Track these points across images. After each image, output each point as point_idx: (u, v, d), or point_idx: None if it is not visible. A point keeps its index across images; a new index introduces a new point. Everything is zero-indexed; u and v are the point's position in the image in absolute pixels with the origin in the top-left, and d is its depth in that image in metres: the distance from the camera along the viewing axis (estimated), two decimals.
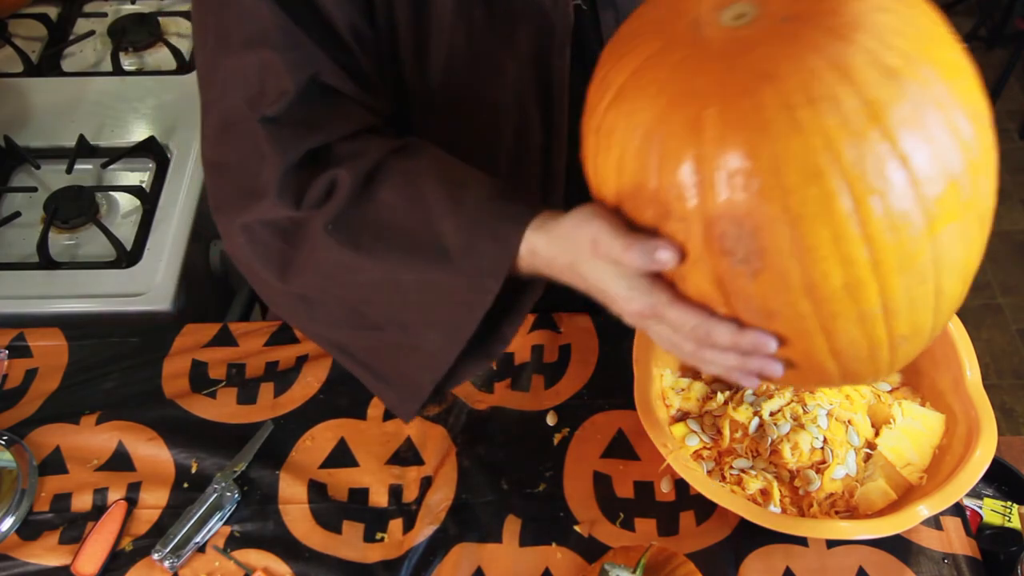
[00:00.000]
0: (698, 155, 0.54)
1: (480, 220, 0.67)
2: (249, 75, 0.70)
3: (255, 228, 0.73)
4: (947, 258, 0.56)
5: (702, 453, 0.87)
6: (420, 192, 0.69)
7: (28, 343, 1.02)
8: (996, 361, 2.17)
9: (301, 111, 0.71)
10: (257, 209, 0.72)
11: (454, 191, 0.68)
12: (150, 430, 0.94)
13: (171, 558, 0.84)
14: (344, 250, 0.69)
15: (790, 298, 0.55)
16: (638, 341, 0.88)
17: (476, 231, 0.67)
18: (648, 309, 0.61)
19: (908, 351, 0.61)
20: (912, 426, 0.86)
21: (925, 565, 0.83)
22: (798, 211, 0.52)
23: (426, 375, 0.74)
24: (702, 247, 0.56)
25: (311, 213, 0.70)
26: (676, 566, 0.78)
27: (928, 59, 0.54)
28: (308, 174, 0.71)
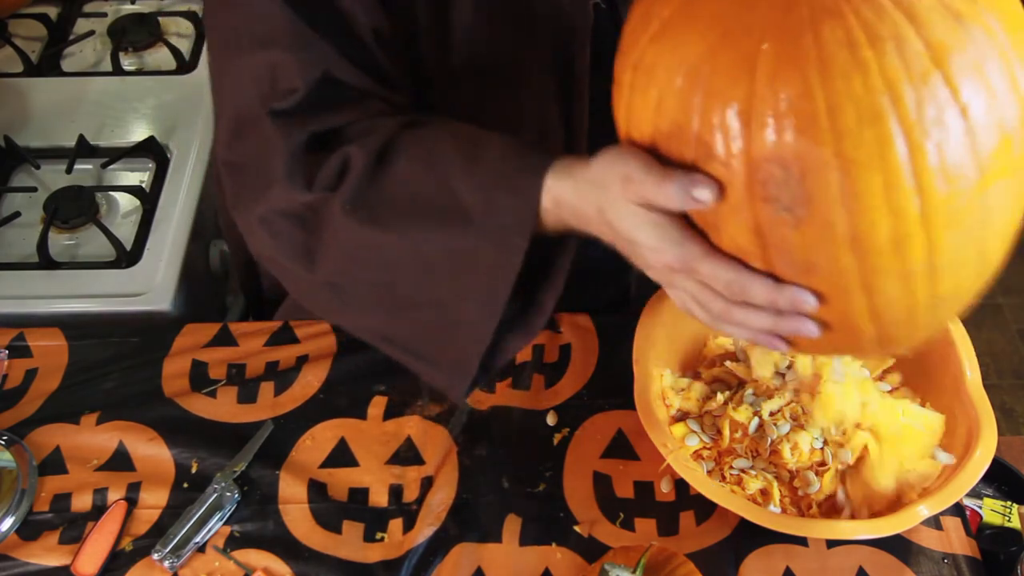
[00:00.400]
0: (748, 93, 0.51)
1: (498, 175, 0.64)
2: (260, 74, 0.70)
3: (273, 220, 0.72)
4: (995, 216, 0.54)
5: (702, 453, 0.87)
6: (434, 158, 0.67)
7: (28, 343, 1.02)
8: (996, 361, 2.17)
9: (312, 106, 0.70)
10: (270, 198, 0.71)
11: (469, 150, 0.66)
12: (150, 430, 0.94)
13: (171, 558, 0.84)
14: (365, 228, 0.68)
15: (833, 251, 0.53)
16: (638, 341, 0.88)
17: (495, 187, 0.64)
18: (679, 261, 0.57)
19: (944, 314, 0.58)
20: (912, 426, 0.86)
21: (925, 565, 0.83)
22: (851, 155, 0.50)
23: (470, 349, 0.71)
24: (744, 193, 0.53)
25: (326, 195, 0.69)
26: (676, 566, 0.78)
27: (993, 7, 0.52)
28: (318, 156, 0.70)
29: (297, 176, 0.69)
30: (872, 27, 0.50)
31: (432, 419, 0.94)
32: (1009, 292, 2.30)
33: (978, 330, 2.20)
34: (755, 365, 0.88)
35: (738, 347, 0.93)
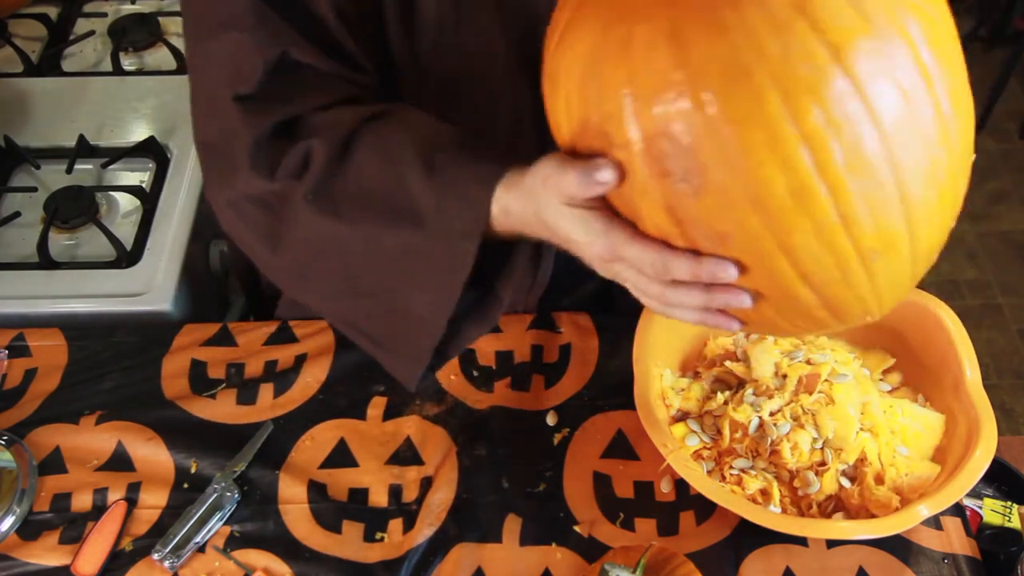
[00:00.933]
0: (630, 75, 0.53)
1: (451, 182, 0.66)
2: (224, 57, 0.72)
3: (240, 204, 0.74)
4: (902, 155, 0.52)
5: (702, 453, 0.86)
6: (394, 157, 0.69)
7: (28, 343, 1.02)
8: (996, 361, 2.17)
9: (273, 87, 0.72)
10: (236, 183, 0.73)
11: (426, 153, 0.68)
12: (149, 430, 0.94)
13: (171, 558, 0.84)
14: (326, 219, 0.70)
15: (737, 215, 0.53)
16: (638, 341, 0.88)
17: (447, 194, 0.67)
18: (607, 250, 0.60)
19: (888, 270, 0.56)
20: (912, 426, 0.86)
21: (925, 565, 0.83)
22: (728, 116, 0.51)
23: (423, 342, 0.74)
24: (647, 172, 0.54)
25: (290, 183, 0.71)
26: (676, 566, 0.78)
27: None
28: (281, 145, 0.71)
29: (261, 165, 0.71)
30: None
31: (431, 419, 0.94)
32: (1009, 292, 2.30)
33: (978, 330, 2.21)
34: (755, 365, 0.88)
35: (738, 347, 0.93)
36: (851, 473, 0.83)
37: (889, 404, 0.87)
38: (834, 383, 0.84)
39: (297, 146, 0.71)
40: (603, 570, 0.77)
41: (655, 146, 0.53)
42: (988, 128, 2.67)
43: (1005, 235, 2.41)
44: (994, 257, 2.37)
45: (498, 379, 0.97)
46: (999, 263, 2.36)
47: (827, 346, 0.91)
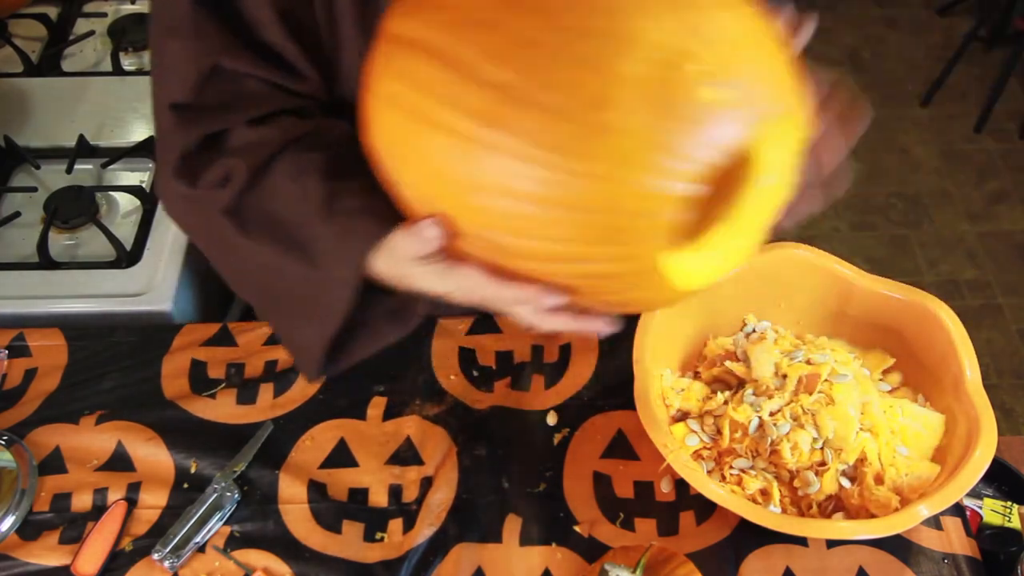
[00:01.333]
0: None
1: (342, 234, 0.70)
2: (165, 62, 0.74)
3: (171, 197, 0.79)
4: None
5: (702, 453, 0.86)
6: (304, 191, 0.72)
7: (28, 343, 1.02)
8: (996, 361, 2.17)
9: (207, 98, 0.74)
10: (165, 182, 0.77)
11: (331, 196, 0.71)
12: (149, 430, 0.94)
13: (171, 558, 0.84)
14: (236, 233, 0.74)
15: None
16: (638, 341, 0.88)
17: (337, 245, 0.70)
18: (467, 295, 0.63)
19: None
20: (912, 426, 0.86)
21: (925, 565, 0.83)
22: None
23: (314, 350, 0.78)
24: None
25: (209, 193, 0.74)
26: (676, 566, 0.79)
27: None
28: (206, 159, 0.74)
29: (184, 176, 0.75)
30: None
31: (431, 419, 0.94)
32: (1009, 292, 2.30)
33: (978, 330, 2.21)
34: (755, 365, 0.88)
35: (738, 347, 0.93)
36: (851, 473, 0.83)
37: (889, 404, 0.87)
38: (834, 383, 0.84)
39: (220, 162, 0.74)
40: (603, 570, 0.77)
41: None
42: (988, 128, 2.67)
43: (1005, 235, 2.42)
44: (994, 257, 2.37)
45: (498, 379, 0.97)
46: (999, 263, 2.36)
47: (827, 346, 0.91)
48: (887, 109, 2.76)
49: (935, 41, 2.96)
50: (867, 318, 0.94)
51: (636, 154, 0.53)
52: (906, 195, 2.53)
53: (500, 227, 0.57)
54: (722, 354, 0.93)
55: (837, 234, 2.45)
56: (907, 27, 3.02)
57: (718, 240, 0.59)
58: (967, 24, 2.88)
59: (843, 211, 2.50)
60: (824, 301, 0.95)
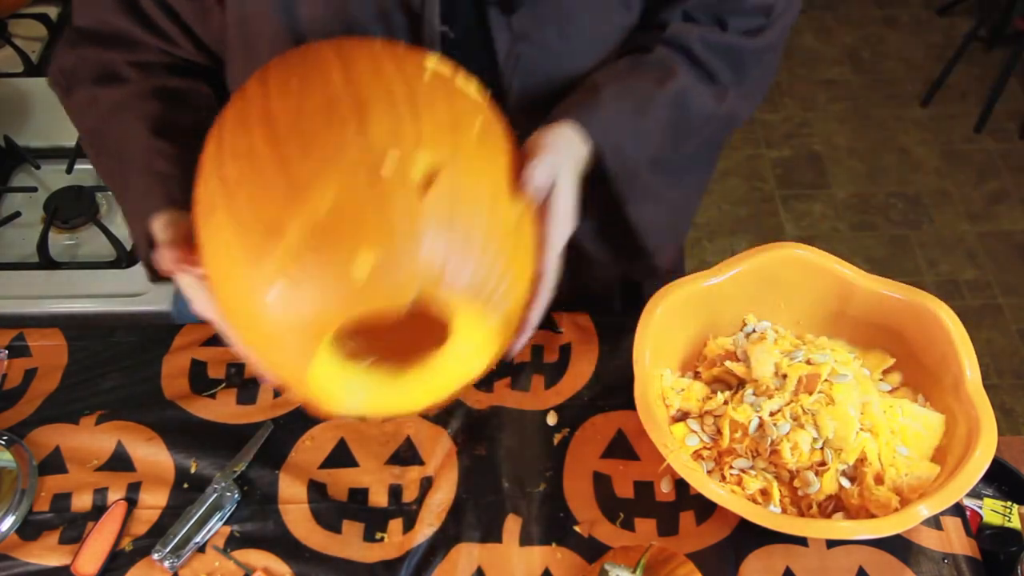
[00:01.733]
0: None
1: (143, 190, 0.80)
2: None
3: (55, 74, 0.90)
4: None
5: (702, 453, 0.86)
6: (137, 132, 0.82)
7: (28, 343, 1.01)
8: (996, 361, 2.17)
9: (94, 28, 0.86)
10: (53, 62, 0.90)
11: (152, 152, 0.81)
12: (149, 430, 0.94)
13: (171, 558, 0.84)
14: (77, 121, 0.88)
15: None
16: (638, 341, 0.88)
17: (136, 197, 0.81)
18: (201, 313, 0.73)
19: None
20: (912, 426, 0.86)
21: (925, 565, 0.83)
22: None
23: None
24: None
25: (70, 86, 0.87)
26: (676, 566, 0.79)
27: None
28: (82, 78, 0.87)
29: (60, 85, 0.88)
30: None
31: (431, 419, 0.94)
32: (1009, 292, 2.31)
33: (978, 330, 2.21)
34: (755, 365, 0.88)
35: (738, 347, 0.93)
36: (851, 473, 0.83)
37: (889, 404, 0.87)
38: (834, 383, 0.84)
39: (85, 90, 0.86)
40: (603, 570, 0.77)
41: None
42: (988, 128, 2.67)
43: (1005, 235, 2.42)
44: (994, 257, 2.37)
45: (498, 379, 0.97)
46: (999, 263, 2.36)
47: (827, 346, 0.91)
48: (887, 109, 2.76)
49: (935, 41, 2.96)
50: (867, 318, 0.94)
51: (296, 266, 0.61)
52: (906, 195, 2.53)
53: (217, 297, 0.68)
54: (722, 354, 0.93)
55: (837, 234, 2.45)
56: (907, 27, 3.02)
57: (369, 376, 0.67)
58: (967, 24, 2.88)
59: (843, 211, 2.50)
60: (824, 301, 0.95)
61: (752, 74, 0.89)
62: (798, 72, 2.88)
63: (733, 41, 0.86)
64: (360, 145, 0.60)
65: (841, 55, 2.93)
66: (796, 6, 0.91)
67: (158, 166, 0.80)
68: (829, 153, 2.65)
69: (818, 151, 2.65)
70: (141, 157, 0.82)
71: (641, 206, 0.87)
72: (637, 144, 0.82)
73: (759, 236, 2.42)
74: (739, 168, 2.61)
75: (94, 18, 0.86)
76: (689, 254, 2.41)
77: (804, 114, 2.76)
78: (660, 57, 0.84)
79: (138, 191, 0.81)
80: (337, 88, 0.63)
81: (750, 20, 0.87)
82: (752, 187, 2.56)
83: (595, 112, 0.79)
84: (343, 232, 0.59)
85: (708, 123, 0.88)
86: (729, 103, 0.87)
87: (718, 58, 0.86)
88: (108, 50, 0.87)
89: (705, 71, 0.85)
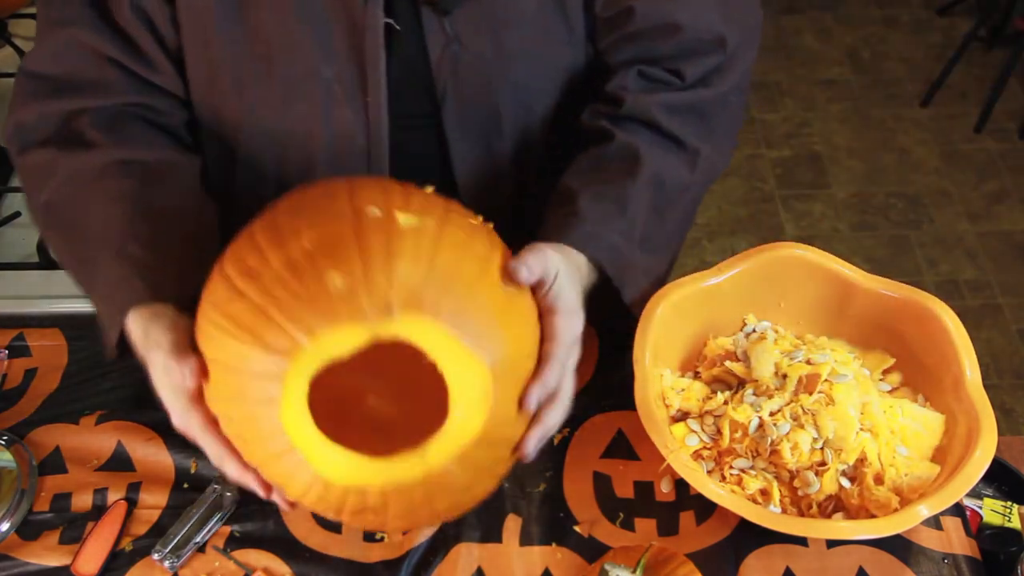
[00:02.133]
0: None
1: (118, 280, 0.75)
2: (37, 32, 0.82)
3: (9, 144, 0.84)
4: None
5: (702, 453, 0.86)
6: (108, 218, 0.77)
7: (28, 343, 1.02)
8: (996, 361, 2.17)
9: (62, 68, 0.80)
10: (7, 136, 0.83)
11: (126, 237, 0.76)
12: (149, 430, 0.94)
13: (171, 558, 0.84)
14: (42, 225, 0.82)
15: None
16: (638, 341, 0.88)
17: (110, 289, 0.76)
18: (183, 427, 0.68)
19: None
20: (912, 426, 0.86)
21: (925, 565, 0.83)
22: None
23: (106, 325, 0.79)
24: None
25: (30, 176, 0.82)
26: (676, 566, 0.79)
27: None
28: (41, 138, 0.80)
29: (14, 144, 0.82)
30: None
31: None
32: (1009, 292, 2.31)
33: (978, 330, 2.21)
34: (755, 365, 0.88)
35: (738, 347, 0.93)
36: (851, 473, 0.83)
37: (889, 404, 0.87)
38: (834, 383, 0.84)
39: (46, 152, 0.80)
40: (603, 570, 0.77)
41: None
42: (988, 128, 2.67)
43: (1005, 235, 2.42)
44: (994, 257, 2.37)
45: None
46: (999, 263, 2.36)
47: (827, 346, 0.91)
48: (887, 109, 2.77)
49: (935, 41, 2.96)
50: (867, 318, 0.94)
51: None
52: (906, 195, 2.54)
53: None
54: (722, 354, 0.93)
55: (837, 234, 2.45)
56: (907, 27, 3.02)
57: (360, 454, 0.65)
58: (967, 24, 2.88)
59: (843, 211, 2.50)
60: (824, 301, 0.95)
61: (720, 124, 0.89)
62: (798, 72, 2.88)
63: (694, 98, 0.86)
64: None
65: (841, 55, 2.94)
66: (754, 39, 0.90)
67: (133, 251, 0.75)
68: (829, 153, 2.65)
69: (818, 151, 2.65)
70: (113, 239, 0.76)
71: (634, 286, 0.87)
72: (627, 238, 0.83)
73: (759, 236, 2.42)
74: (739, 168, 2.61)
75: (61, 46, 0.79)
76: (689, 254, 2.41)
77: (804, 114, 2.76)
78: (622, 145, 0.84)
79: (110, 279, 0.76)
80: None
81: (707, 61, 0.86)
82: (752, 187, 2.56)
83: (580, 227, 0.80)
84: (320, 259, 0.61)
85: (688, 190, 0.88)
86: (703, 162, 0.87)
87: (684, 121, 0.85)
88: (73, 98, 0.80)
89: (673, 140, 0.85)
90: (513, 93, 0.86)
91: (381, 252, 0.61)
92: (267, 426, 0.63)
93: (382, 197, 0.65)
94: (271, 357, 0.61)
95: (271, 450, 0.65)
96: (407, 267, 0.61)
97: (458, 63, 0.83)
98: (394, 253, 0.61)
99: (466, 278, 0.64)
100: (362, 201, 0.64)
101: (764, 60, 2.90)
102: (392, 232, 0.62)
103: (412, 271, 0.61)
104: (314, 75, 0.82)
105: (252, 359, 0.61)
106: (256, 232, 0.65)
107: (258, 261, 0.63)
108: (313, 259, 0.61)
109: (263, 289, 0.61)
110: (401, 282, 0.61)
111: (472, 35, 0.81)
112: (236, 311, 0.62)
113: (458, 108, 0.85)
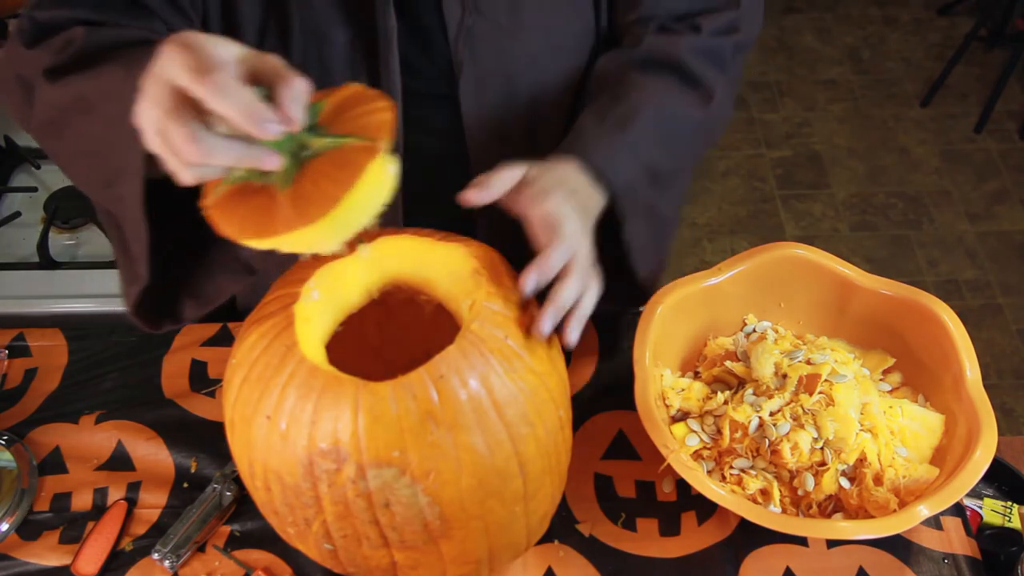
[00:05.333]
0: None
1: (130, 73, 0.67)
2: None
3: (5, 80, 0.78)
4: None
5: (702, 453, 0.86)
6: (124, 78, 0.70)
7: (28, 343, 1.02)
8: (996, 361, 2.17)
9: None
10: (8, 55, 0.77)
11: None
12: (149, 430, 0.94)
13: (171, 558, 0.84)
14: (55, 91, 0.73)
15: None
16: (638, 341, 0.88)
17: (125, 80, 0.68)
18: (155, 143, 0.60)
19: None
20: (912, 426, 0.86)
21: (925, 565, 0.83)
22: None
23: (139, 267, 0.76)
24: None
25: (39, 54, 0.75)
26: (368, 111, 0.63)
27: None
28: (50, 29, 0.75)
29: (27, 36, 0.76)
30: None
31: None
32: (1009, 292, 2.31)
33: (978, 330, 2.21)
34: (755, 365, 0.88)
35: (738, 347, 0.93)
36: (850, 473, 0.83)
37: (889, 404, 0.87)
38: (834, 383, 0.84)
39: (63, 35, 0.74)
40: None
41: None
42: (988, 128, 2.67)
43: (1005, 235, 2.42)
44: (994, 257, 2.37)
45: None
46: (999, 263, 2.36)
47: (827, 346, 0.91)
48: (887, 109, 2.76)
49: (935, 41, 2.96)
50: (867, 318, 0.94)
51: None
52: (906, 195, 2.53)
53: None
54: (722, 354, 0.93)
55: (837, 234, 2.45)
56: (907, 27, 3.02)
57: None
58: (967, 24, 2.88)
59: (843, 211, 2.50)
60: (824, 301, 0.95)
61: (732, 73, 0.91)
62: (798, 72, 2.88)
63: (714, 43, 0.88)
64: None
65: (841, 55, 2.93)
66: (759, 9, 0.93)
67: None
68: (829, 153, 2.64)
69: (818, 151, 2.65)
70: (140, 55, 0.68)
71: (636, 223, 0.86)
72: (629, 153, 0.82)
73: (759, 236, 2.42)
74: (739, 168, 2.61)
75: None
76: (689, 254, 2.41)
77: (804, 114, 2.76)
78: (634, 78, 0.85)
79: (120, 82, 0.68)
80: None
81: (722, 16, 0.88)
82: (752, 187, 2.56)
83: (577, 141, 0.80)
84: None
85: (698, 129, 0.88)
86: (716, 106, 0.88)
87: (702, 62, 0.87)
88: (100, 10, 0.76)
89: (690, 77, 0.86)
90: (529, 66, 0.86)
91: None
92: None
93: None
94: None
95: None
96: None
97: (475, 33, 0.83)
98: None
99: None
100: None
101: (764, 60, 2.90)
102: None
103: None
104: (329, 40, 0.82)
105: None
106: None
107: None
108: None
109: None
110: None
111: (489, 3, 0.81)
112: None
113: (474, 81, 0.85)
